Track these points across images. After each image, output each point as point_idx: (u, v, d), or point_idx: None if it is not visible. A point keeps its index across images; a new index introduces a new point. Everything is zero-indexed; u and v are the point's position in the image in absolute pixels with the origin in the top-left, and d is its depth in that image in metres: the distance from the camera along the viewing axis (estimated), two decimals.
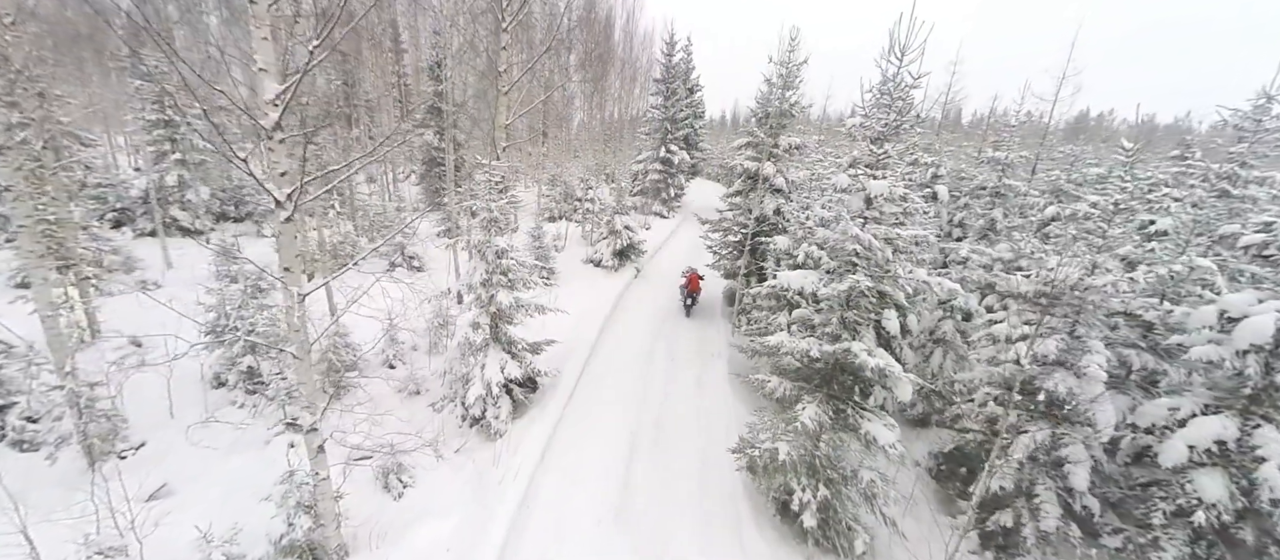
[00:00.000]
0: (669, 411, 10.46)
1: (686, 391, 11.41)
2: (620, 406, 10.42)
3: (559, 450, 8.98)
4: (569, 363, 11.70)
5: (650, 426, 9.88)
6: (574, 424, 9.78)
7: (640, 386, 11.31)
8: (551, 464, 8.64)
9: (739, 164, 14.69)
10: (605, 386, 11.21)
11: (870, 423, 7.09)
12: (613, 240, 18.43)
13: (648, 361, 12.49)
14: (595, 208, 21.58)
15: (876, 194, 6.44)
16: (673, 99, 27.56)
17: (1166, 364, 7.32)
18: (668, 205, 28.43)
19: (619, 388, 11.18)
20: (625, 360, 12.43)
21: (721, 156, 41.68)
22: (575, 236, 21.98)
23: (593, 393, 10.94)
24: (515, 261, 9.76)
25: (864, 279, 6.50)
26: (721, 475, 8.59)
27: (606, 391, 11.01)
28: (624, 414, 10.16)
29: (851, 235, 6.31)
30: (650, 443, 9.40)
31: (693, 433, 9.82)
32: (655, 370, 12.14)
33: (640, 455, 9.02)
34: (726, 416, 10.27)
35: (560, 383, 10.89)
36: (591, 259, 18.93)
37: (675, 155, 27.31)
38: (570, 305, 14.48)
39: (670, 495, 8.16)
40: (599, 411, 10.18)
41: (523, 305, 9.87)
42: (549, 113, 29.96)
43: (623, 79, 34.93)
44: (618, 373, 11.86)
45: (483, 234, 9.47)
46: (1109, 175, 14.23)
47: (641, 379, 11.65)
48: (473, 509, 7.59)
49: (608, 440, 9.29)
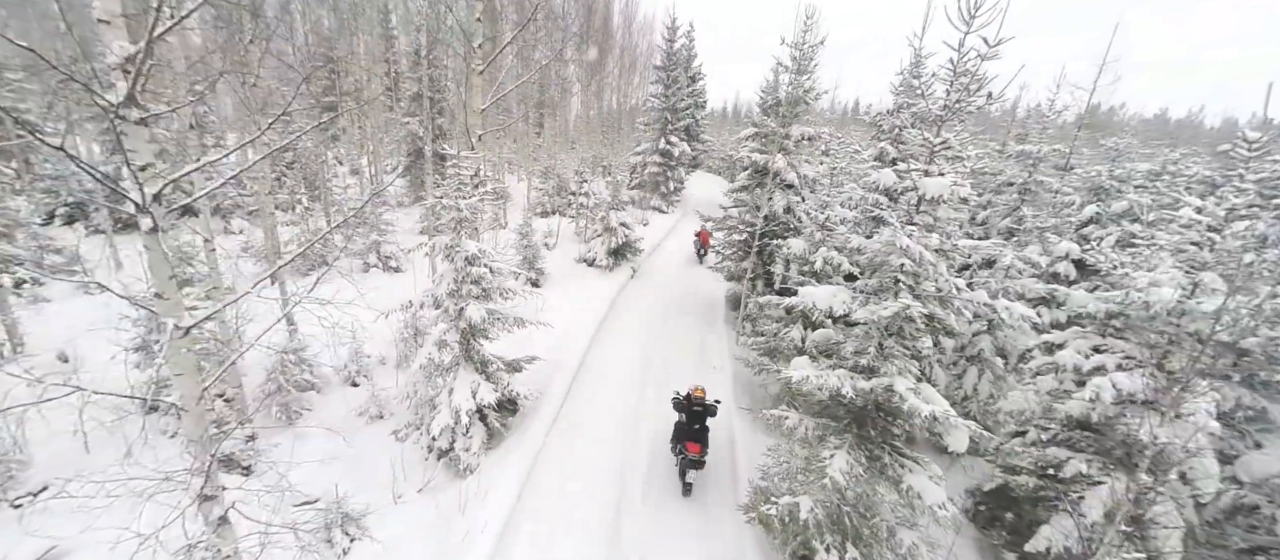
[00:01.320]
0: (666, 444, 9.16)
1: None
2: (610, 438, 9.09)
3: (538, 492, 7.67)
4: (555, 381, 10.39)
5: (643, 463, 8.56)
6: (557, 459, 8.47)
7: (634, 408, 10.00)
8: (528, 507, 7.34)
9: (745, 156, 13.31)
10: (594, 410, 9.90)
11: (913, 474, 5.80)
12: (607, 238, 17.08)
13: (642, 377, 11.17)
14: (590, 203, 20.21)
15: (933, 195, 5.12)
16: (673, 87, 26.08)
17: (1271, 403, 6.04)
18: (667, 200, 27.04)
19: (610, 412, 9.86)
20: (618, 377, 11.11)
21: (723, 149, 40.20)
22: (568, 233, 20.62)
23: (580, 417, 9.62)
24: (489, 268, 8.43)
25: (911, 300, 5.17)
26: (727, 528, 7.29)
27: (595, 417, 9.69)
28: (614, 447, 8.84)
29: (900, 247, 4.98)
30: (643, 484, 8.08)
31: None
32: (650, 387, 10.82)
33: (632, 500, 7.72)
34: (731, 448, 8.98)
35: (543, 405, 9.58)
36: (585, 258, 17.59)
37: (675, 147, 25.89)
38: (559, 311, 13.16)
39: (667, 555, 6.87)
40: (585, 445, 8.85)
41: (500, 318, 8.55)
42: (544, 102, 28.49)
43: (621, 66, 33.44)
44: (610, 393, 10.54)
45: (451, 236, 8.12)
46: (1161, 172, 12.86)
47: (636, 399, 10.34)
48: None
49: (595, 481, 7.98)
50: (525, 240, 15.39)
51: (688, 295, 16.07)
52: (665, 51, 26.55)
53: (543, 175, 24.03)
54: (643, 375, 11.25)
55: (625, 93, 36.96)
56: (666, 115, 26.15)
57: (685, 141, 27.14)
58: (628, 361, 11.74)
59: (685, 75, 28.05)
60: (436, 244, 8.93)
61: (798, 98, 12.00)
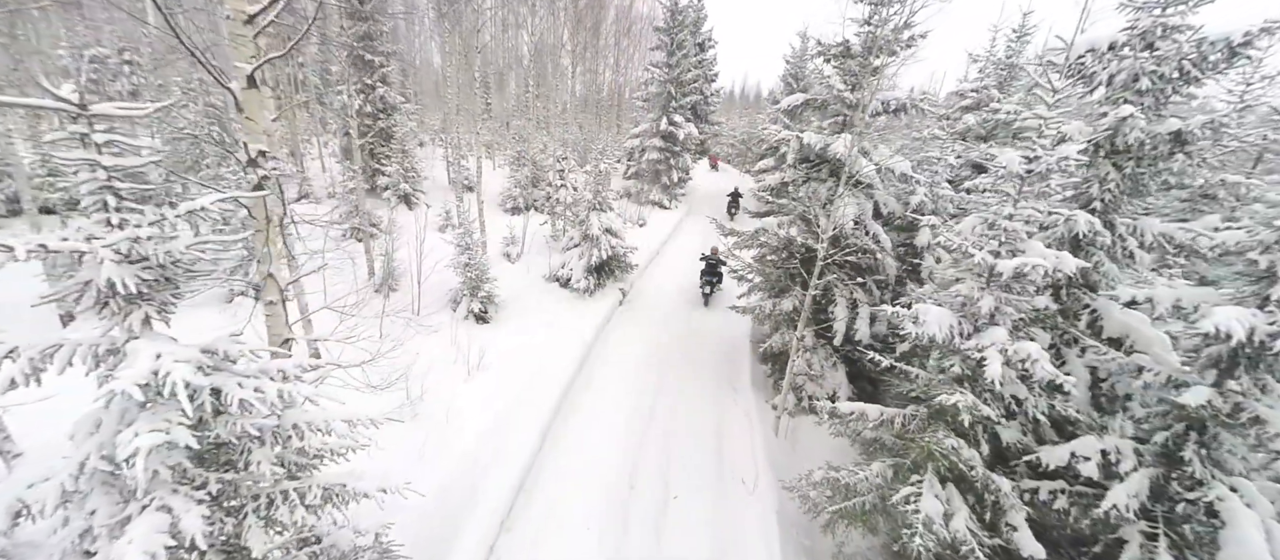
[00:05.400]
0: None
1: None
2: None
3: None
4: (465, 528, 5.87)
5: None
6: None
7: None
8: None
9: (787, 139, 8.62)
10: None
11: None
12: (586, 250, 12.45)
13: (623, 513, 6.65)
14: (567, 198, 15.53)
15: None
16: (678, 54, 21.19)
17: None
18: (669, 193, 22.30)
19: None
20: (580, 514, 6.57)
21: (734, 132, 35.24)
22: (541, 238, 15.99)
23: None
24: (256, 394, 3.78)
25: None
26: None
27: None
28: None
29: None
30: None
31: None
32: (635, 531, 6.34)
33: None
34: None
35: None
36: (557, 277, 12.97)
37: (680, 128, 21.08)
38: (503, 371, 8.65)
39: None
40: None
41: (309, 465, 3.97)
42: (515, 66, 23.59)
43: (617, 32, 28.46)
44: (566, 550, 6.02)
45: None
46: None
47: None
48: None
49: None
50: (465, 253, 10.74)
51: (696, 334, 11.47)
52: (669, 8, 21.52)
53: (515, 162, 19.30)
54: (624, 508, 6.72)
55: (624, 70, 31.99)
56: (670, 89, 21.28)
57: (692, 123, 22.33)
58: (600, 477, 7.18)
59: (692, 41, 23.12)
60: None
61: (886, 42, 7.27)
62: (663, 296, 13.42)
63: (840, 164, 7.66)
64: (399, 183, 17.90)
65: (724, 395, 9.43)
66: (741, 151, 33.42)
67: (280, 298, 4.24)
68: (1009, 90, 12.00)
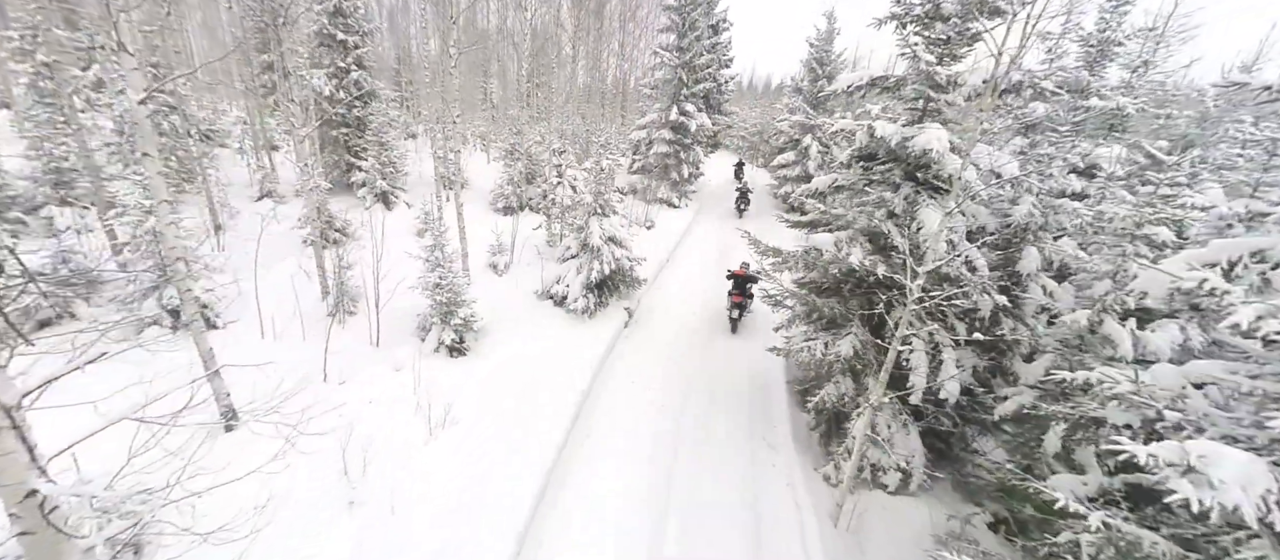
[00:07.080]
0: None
1: None
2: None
3: None
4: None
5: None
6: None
7: None
8: None
9: (848, 130, 6.53)
10: None
11: None
12: (586, 263, 10.43)
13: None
14: (565, 199, 13.49)
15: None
16: (691, 36, 19.00)
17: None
18: (679, 190, 20.23)
19: None
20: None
21: (746, 123, 32.97)
22: (534, 244, 13.97)
23: None
24: None
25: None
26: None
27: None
28: None
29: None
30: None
31: None
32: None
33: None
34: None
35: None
36: (550, 294, 10.96)
37: (692, 119, 18.96)
38: (475, 432, 6.70)
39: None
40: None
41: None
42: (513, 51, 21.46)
43: (622, 15, 26.24)
44: None
45: None
46: None
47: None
48: None
49: None
50: (436, 270, 8.73)
51: (720, 368, 9.46)
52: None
53: (508, 155, 17.23)
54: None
55: (632, 57, 29.71)
56: (681, 74, 19.12)
57: (704, 113, 20.18)
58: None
59: (705, 22, 20.93)
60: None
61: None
62: (676, 316, 11.41)
63: (925, 163, 5.61)
64: (376, 179, 15.91)
65: (759, 452, 7.43)
66: (753, 145, 31.20)
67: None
68: (1100, 72, 9.86)
